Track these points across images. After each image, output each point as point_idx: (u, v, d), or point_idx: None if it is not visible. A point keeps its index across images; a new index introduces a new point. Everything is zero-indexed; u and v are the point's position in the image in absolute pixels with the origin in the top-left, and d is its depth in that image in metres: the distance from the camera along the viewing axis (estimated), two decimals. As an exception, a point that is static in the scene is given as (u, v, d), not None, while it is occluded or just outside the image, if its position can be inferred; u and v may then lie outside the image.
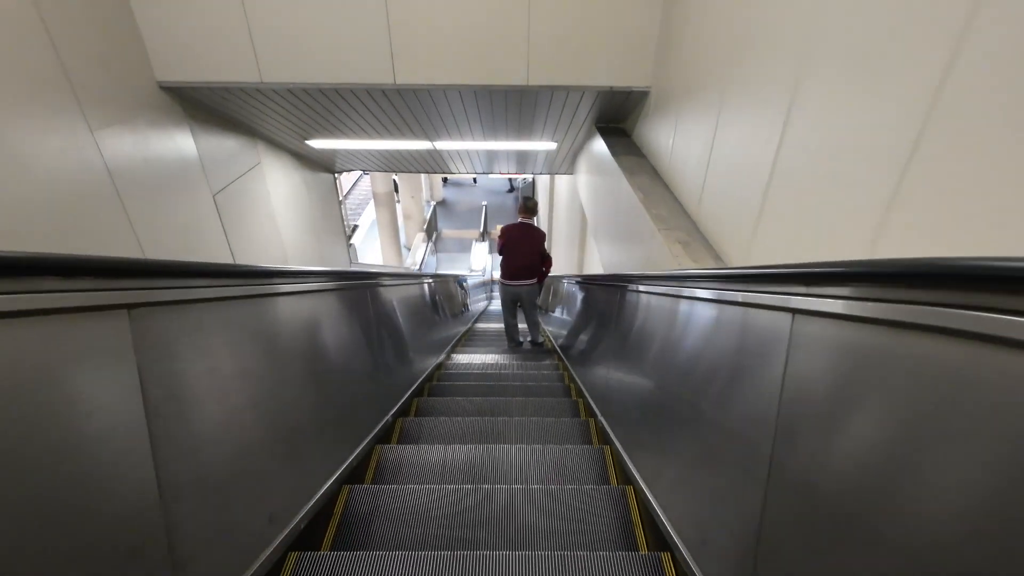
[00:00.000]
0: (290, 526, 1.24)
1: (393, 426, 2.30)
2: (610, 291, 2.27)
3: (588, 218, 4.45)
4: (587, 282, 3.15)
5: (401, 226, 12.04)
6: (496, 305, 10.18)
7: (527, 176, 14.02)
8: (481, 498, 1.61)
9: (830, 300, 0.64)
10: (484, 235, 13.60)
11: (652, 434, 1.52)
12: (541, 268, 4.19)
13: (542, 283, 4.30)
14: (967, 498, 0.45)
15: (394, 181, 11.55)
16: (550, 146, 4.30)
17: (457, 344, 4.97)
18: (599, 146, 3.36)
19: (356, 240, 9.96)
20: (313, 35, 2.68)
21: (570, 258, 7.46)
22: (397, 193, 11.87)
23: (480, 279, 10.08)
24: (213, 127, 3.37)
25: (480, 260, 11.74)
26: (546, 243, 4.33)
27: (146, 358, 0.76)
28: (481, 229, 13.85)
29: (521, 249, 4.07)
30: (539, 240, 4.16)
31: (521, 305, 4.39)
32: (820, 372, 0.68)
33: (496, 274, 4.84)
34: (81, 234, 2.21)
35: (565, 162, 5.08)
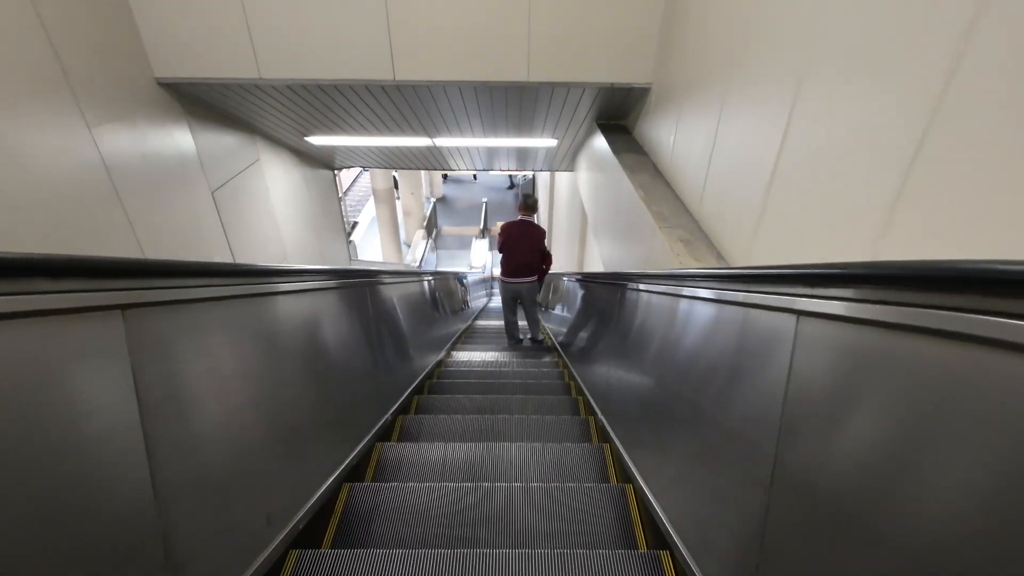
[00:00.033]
0: (291, 524, 1.24)
1: (393, 424, 2.29)
2: (612, 289, 2.26)
3: (588, 215, 4.43)
4: (588, 280, 3.14)
5: (401, 223, 12.01)
6: (496, 302, 10.18)
7: (527, 173, 13.98)
8: (481, 496, 1.61)
9: (837, 303, 0.63)
10: (484, 232, 13.58)
11: (652, 433, 1.52)
12: (541, 266, 4.21)
13: (542, 281, 4.32)
14: (983, 503, 0.44)
15: (394, 178, 11.51)
16: (550, 143, 4.28)
17: (457, 341, 4.97)
18: (600, 143, 3.35)
19: (356, 237, 9.96)
20: (312, 31, 2.66)
21: (570, 255, 7.45)
22: (397, 190, 11.83)
23: (480, 276, 10.06)
24: (212, 123, 3.35)
25: (480, 257, 11.72)
26: (546, 240, 4.33)
27: (141, 359, 0.75)
28: (481, 226, 13.83)
29: (521, 247, 4.08)
30: (539, 238, 4.17)
31: (521, 302, 4.40)
32: (826, 375, 0.67)
33: (496, 271, 4.84)
34: (79, 232, 2.20)
35: (566, 159, 5.06)
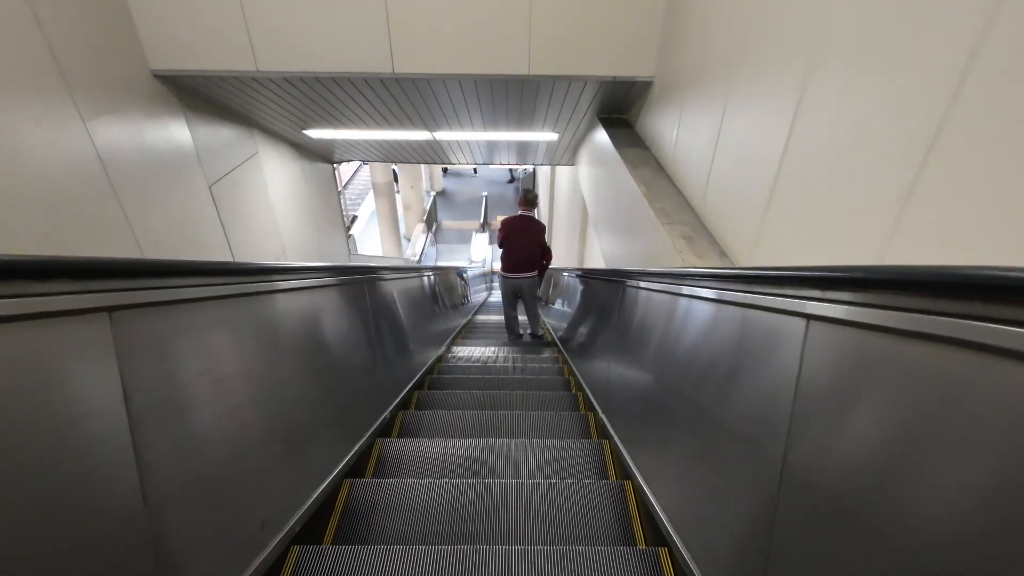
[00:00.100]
0: (292, 520, 1.24)
1: (393, 420, 2.29)
2: (613, 286, 2.24)
3: (589, 210, 4.40)
4: (590, 276, 3.12)
5: (401, 217, 11.97)
6: (496, 296, 10.17)
7: (528, 167, 13.91)
8: (481, 492, 1.62)
9: (857, 308, 0.61)
10: (484, 226, 13.55)
11: (652, 431, 1.51)
12: (541, 261, 4.20)
13: (542, 276, 4.31)
14: (1004, 508, 0.43)
15: (393, 171, 11.45)
16: (551, 137, 4.25)
17: (457, 336, 4.96)
18: (601, 137, 3.31)
19: (355, 231, 9.92)
20: (311, 23, 2.62)
21: (571, 250, 7.42)
22: (397, 183, 11.77)
23: (480, 270, 10.05)
24: (209, 116, 3.31)
25: (480, 251, 11.70)
26: (546, 235, 4.33)
27: (129, 363, 0.73)
28: (481, 220, 13.79)
29: (521, 242, 4.08)
30: (539, 232, 4.16)
31: (521, 297, 4.39)
32: (838, 380, 0.65)
33: (496, 266, 4.83)
34: (74, 226, 2.17)
35: (566, 153, 5.02)
